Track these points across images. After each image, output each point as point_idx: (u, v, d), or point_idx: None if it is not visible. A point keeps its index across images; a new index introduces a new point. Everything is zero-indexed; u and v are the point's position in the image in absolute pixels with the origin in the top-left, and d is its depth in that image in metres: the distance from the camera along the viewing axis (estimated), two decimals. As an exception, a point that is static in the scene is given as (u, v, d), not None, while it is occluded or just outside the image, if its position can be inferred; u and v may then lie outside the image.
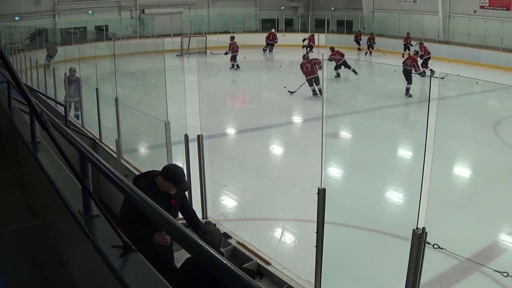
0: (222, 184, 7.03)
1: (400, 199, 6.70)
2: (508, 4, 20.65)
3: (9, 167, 3.97)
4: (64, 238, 2.52)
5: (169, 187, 3.29)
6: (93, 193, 1.93)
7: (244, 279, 1.14)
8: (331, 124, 9.52)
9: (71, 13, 23.63)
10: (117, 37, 18.62)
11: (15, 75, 1.42)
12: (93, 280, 2.05)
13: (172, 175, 3.29)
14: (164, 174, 3.30)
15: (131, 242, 1.75)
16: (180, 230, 1.35)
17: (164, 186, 3.28)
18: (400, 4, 25.11)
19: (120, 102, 7.00)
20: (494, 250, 5.31)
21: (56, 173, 2.49)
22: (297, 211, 6.21)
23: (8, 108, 3.98)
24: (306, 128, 10.62)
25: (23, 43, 17.96)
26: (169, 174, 3.29)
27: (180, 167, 3.45)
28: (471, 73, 15.90)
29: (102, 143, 7.44)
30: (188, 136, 5.14)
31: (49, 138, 1.63)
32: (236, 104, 14.30)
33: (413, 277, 2.98)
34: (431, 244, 2.89)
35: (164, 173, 3.31)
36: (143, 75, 15.09)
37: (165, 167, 3.39)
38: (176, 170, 3.33)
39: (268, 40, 24.56)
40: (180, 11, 27.03)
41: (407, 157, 8.76)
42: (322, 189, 3.46)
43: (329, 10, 28.78)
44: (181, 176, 3.33)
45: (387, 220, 5.97)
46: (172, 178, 3.28)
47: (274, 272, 4.08)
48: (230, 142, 10.08)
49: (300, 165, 7.90)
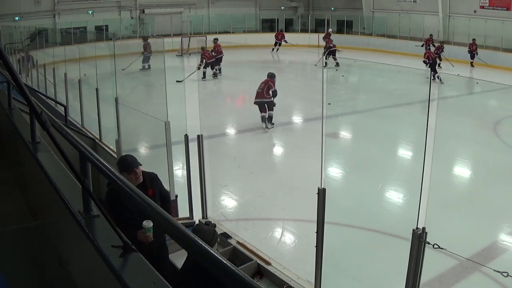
0: (222, 184, 7.03)
1: (400, 199, 6.70)
2: (508, 4, 20.65)
3: (9, 167, 3.97)
4: (64, 238, 2.52)
5: (130, 178, 3.32)
6: (93, 193, 1.93)
7: (244, 279, 1.15)
8: (331, 124, 9.53)
9: (71, 13, 23.64)
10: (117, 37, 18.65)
11: (15, 75, 1.42)
12: (93, 280, 2.05)
13: (120, 166, 3.38)
14: (119, 170, 3.35)
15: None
16: (180, 230, 1.35)
17: (131, 181, 3.29)
18: (400, 4, 25.12)
19: (120, 102, 7.00)
20: (494, 250, 5.31)
21: (56, 173, 2.49)
22: (297, 211, 6.21)
23: (8, 108, 3.98)
24: (306, 128, 10.62)
25: (23, 43, 17.95)
26: (119, 167, 3.38)
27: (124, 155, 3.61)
28: (470, 72, 15.91)
29: (102, 143, 7.44)
30: (188, 136, 5.14)
31: (49, 138, 1.63)
32: (236, 104, 14.29)
33: (413, 277, 2.98)
34: (431, 244, 2.89)
35: (118, 169, 3.36)
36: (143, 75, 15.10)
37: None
38: (119, 160, 3.48)
39: (277, 39, 24.54)
40: (180, 11, 27.04)
41: (407, 157, 8.76)
42: (322, 189, 3.46)
43: (329, 10, 28.78)
44: (123, 162, 3.41)
45: (387, 220, 5.97)
46: (122, 168, 3.35)
47: (274, 272, 4.08)
48: (230, 142, 10.08)
49: (300, 165, 7.90)
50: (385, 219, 6.04)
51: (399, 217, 5.97)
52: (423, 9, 23.78)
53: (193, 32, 25.62)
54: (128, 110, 7.23)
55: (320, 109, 7.96)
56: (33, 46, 17.22)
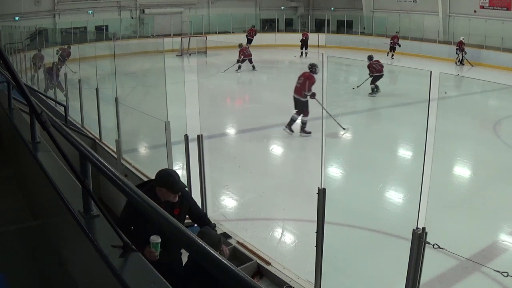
0: (222, 184, 7.02)
1: (400, 199, 6.70)
2: (508, 4, 20.66)
3: (9, 167, 3.97)
4: (64, 238, 2.52)
5: (166, 194, 3.10)
6: (93, 193, 1.93)
7: (244, 279, 1.15)
8: (331, 124, 9.51)
9: (71, 13, 23.65)
10: (117, 37, 18.65)
11: (15, 75, 1.42)
12: (93, 280, 2.05)
13: (162, 179, 3.10)
14: (157, 181, 3.12)
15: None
16: (180, 231, 1.35)
17: (163, 195, 3.10)
18: (400, 4, 25.12)
19: (120, 102, 7.00)
20: (494, 250, 5.31)
21: (56, 173, 2.49)
22: (297, 211, 6.20)
23: (8, 108, 3.99)
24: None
25: (23, 43, 17.96)
26: (160, 180, 3.11)
27: (171, 169, 3.24)
28: (471, 73, 15.91)
29: (102, 143, 7.44)
30: (188, 136, 5.14)
31: (49, 138, 1.63)
32: (236, 104, 14.30)
33: (413, 277, 2.98)
34: (431, 244, 2.89)
35: (156, 180, 3.13)
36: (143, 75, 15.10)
37: (157, 173, 3.19)
38: (165, 174, 3.15)
39: (249, 36, 25.19)
40: (180, 11, 27.04)
41: (407, 157, 8.76)
42: (322, 189, 3.46)
43: (329, 10, 28.79)
44: (170, 177, 3.12)
45: (387, 220, 5.97)
46: (163, 182, 3.09)
47: (274, 272, 4.08)
48: (230, 142, 10.08)
49: (300, 165, 7.90)
50: (385, 219, 6.04)
51: (399, 217, 5.97)
52: (423, 9, 23.78)
53: (193, 32, 25.62)
54: (128, 110, 7.23)
55: (320, 109, 7.93)
56: (33, 46, 17.21)
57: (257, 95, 15.47)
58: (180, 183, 3.15)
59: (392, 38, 22.79)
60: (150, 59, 17.24)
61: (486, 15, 21.15)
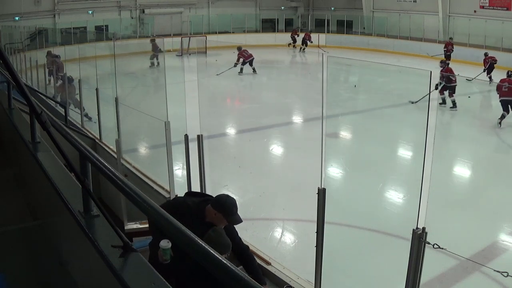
0: (222, 184, 7.02)
1: (400, 199, 6.70)
2: (508, 4, 20.66)
3: (9, 167, 3.97)
4: (64, 238, 2.52)
5: (218, 219, 3.01)
6: (93, 193, 1.93)
7: (244, 279, 1.14)
8: (331, 124, 9.51)
9: (71, 13, 23.65)
10: (117, 37, 18.66)
11: (15, 75, 1.42)
12: (93, 280, 2.05)
13: (223, 205, 3.02)
14: (214, 204, 3.04)
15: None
16: (180, 231, 1.35)
17: (212, 217, 3.02)
18: (400, 4, 25.12)
19: (120, 102, 7.00)
20: (494, 250, 5.31)
21: (56, 173, 2.49)
22: (297, 211, 6.20)
23: (8, 108, 3.99)
24: (306, 128, 10.61)
25: (23, 43, 17.96)
26: (220, 204, 3.03)
27: (233, 198, 3.16)
28: (471, 73, 15.91)
29: (102, 143, 7.44)
30: (188, 136, 5.13)
31: (49, 138, 1.63)
32: (236, 104, 14.30)
33: (413, 277, 2.97)
34: (431, 244, 2.89)
35: (214, 202, 3.06)
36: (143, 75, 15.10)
37: (217, 197, 3.13)
38: (227, 201, 3.07)
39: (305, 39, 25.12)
40: (180, 11, 27.04)
41: (407, 157, 8.76)
42: (322, 189, 3.45)
43: (329, 10, 28.79)
44: (232, 207, 3.05)
45: (387, 220, 5.97)
46: (222, 208, 3.01)
47: (274, 272, 4.08)
48: (230, 142, 10.08)
49: (300, 165, 7.90)
50: (385, 219, 6.04)
51: (399, 217, 5.97)
52: (423, 9, 23.79)
53: (193, 32, 25.63)
54: (128, 110, 7.23)
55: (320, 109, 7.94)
56: (33, 46, 17.22)
57: (257, 95, 15.47)
58: (238, 216, 3.09)
59: (446, 45, 20.38)
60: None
61: (486, 15, 21.14)
